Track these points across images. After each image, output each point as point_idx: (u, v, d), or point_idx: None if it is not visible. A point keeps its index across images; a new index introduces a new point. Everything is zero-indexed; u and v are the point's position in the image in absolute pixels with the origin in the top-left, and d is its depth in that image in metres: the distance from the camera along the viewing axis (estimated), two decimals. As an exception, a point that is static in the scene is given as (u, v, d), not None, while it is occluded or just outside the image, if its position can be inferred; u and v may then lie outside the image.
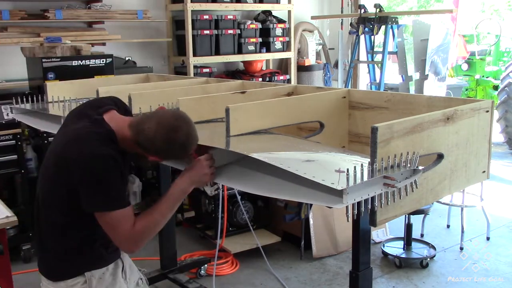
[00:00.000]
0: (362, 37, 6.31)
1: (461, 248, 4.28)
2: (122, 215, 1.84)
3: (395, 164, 1.66)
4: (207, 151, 2.03)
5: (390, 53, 6.24)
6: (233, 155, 2.08)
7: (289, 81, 6.40)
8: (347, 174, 1.51)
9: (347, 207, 1.58)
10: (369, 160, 1.65)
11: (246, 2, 5.99)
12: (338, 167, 1.68)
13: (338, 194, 1.57)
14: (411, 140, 1.76)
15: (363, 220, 1.87)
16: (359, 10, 6.23)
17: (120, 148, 1.90)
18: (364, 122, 2.56)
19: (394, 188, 1.63)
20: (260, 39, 6.11)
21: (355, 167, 1.55)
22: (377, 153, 1.61)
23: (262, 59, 6.31)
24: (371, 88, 6.37)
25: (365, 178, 1.56)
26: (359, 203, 1.59)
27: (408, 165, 1.68)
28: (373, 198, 1.62)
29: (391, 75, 7.53)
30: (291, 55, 6.41)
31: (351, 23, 6.29)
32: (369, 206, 1.63)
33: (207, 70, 5.77)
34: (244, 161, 2.09)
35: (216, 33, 5.73)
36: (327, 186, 1.55)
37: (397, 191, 1.67)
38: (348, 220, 1.64)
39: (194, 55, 5.57)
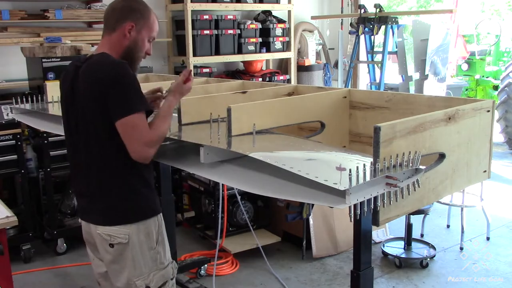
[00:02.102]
0: (362, 37, 6.31)
1: (461, 248, 4.28)
2: (143, 117, 1.98)
3: (397, 163, 1.66)
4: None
5: (390, 53, 6.24)
6: (234, 154, 2.08)
7: (289, 81, 6.40)
8: (349, 174, 1.51)
9: (350, 207, 1.58)
10: (371, 159, 1.65)
11: (246, 2, 5.98)
12: (339, 164, 1.68)
13: (341, 194, 1.56)
14: (413, 139, 1.76)
15: (365, 219, 1.86)
16: (359, 10, 6.23)
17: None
18: (365, 122, 2.56)
19: (396, 188, 1.63)
20: (260, 39, 6.11)
21: (357, 167, 1.55)
22: (379, 153, 1.61)
23: (262, 59, 6.31)
24: (371, 88, 6.37)
25: (368, 178, 1.56)
26: (361, 203, 1.59)
27: (410, 164, 1.68)
28: (375, 198, 1.62)
29: (391, 75, 7.53)
30: (291, 55, 6.41)
31: (351, 23, 6.29)
32: (372, 206, 1.63)
33: (207, 70, 5.77)
34: (245, 161, 2.09)
35: (216, 33, 5.73)
36: (329, 186, 1.55)
37: (400, 190, 1.67)
38: (351, 220, 1.64)
39: (194, 55, 5.56)
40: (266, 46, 6.18)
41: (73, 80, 2.10)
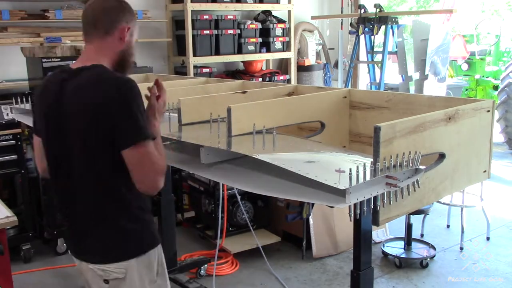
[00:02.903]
0: (362, 37, 6.31)
1: (461, 248, 4.28)
2: (149, 146, 1.75)
3: (397, 163, 1.66)
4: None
5: (390, 53, 6.24)
6: (234, 155, 2.07)
7: (289, 81, 6.39)
8: (349, 174, 1.51)
9: (349, 206, 1.58)
10: (371, 159, 1.65)
11: (246, 2, 5.98)
12: (339, 167, 1.68)
13: (341, 193, 1.57)
14: (413, 139, 1.76)
15: (365, 219, 1.86)
16: (359, 10, 6.23)
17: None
18: (365, 122, 2.56)
19: (396, 188, 1.63)
20: (260, 39, 6.10)
21: (357, 167, 1.55)
22: (379, 153, 1.61)
23: (262, 59, 6.31)
24: (371, 88, 6.37)
25: (368, 177, 1.56)
26: (361, 203, 1.59)
27: (410, 164, 1.68)
28: (375, 198, 1.62)
29: (391, 75, 7.53)
30: (291, 55, 6.41)
31: (351, 23, 6.29)
32: (372, 206, 1.63)
33: (207, 70, 5.77)
34: (245, 161, 2.09)
35: (216, 33, 5.72)
36: (329, 186, 1.55)
37: (400, 190, 1.67)
38: (350, 220, 1.64)
39: (194, 55, 5.56)
40: (266, 46, 6.18)
41: (57, 96, 1.81)
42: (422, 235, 4.52)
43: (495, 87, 7.84)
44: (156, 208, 3.31)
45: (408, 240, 4.15)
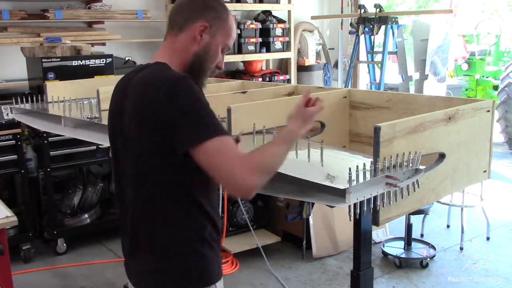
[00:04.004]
0: (362, 37, 6.31)
1: (461, 248, 4.28)
2: (228, 140, 1.45)
3: (397, 163, 1.66)
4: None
5: (390, 53, 6.23)
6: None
7: (289, 81, 6.39)
8: (349, 173, 1.51)
9: (349, 206, 1.58)
10: (371, 159, 1.65)
11: (246, 2, 5.98)
12: (332, 171, 1.68)
13: (341, 193, 1.57)
14: (413, 139, 1.76)
15: (365, 219, 1.87)
16: (359, 10, 6.22)
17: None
18: (365, 122, 2.56)
19: (396, 188, 1.63)
20: (260, 39, 6.10)
21: (357, 167, 1.55)
22: (379, 153, 1.61)
23: (262, 59, 6.30)
24: (371, 88, 6.37)
25: (368, 177, 1.56)
26: (361, 203, 1.59)
27: (410, 164, 1.68)
28: (375, 198, 1.63)
29: (391, 75, 7.53)
30: (291, 55, 6.41)
31: (351, 23, 6.29)
32: (372, 206, 1.63)
33: (207, 70, 5.75)
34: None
35: (216, 33, 5.71)
36: (329, 186, 1.55)
37: (399, 190, 1.68)
38: (350, 219, 1.64)
39: (194, 55, 5.55)
40: (266, 46, 6.17)
41: (122, 97, 1.62)
42: (422, 235, 4.52)
43: (495, 87, 7.85)
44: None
45: (408, 240, 4.15)
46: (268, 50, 6.20)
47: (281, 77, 6.32)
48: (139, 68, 1.65)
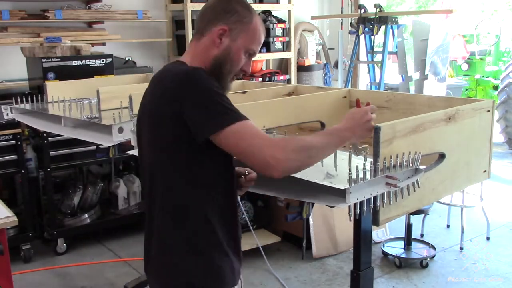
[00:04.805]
0: (362, 37, 6.31)
1: (461, 248, 4.28)
2: (252, 124, 1.48)
3: (397, 163, 1.66)
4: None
5: (390, 53, 6.23)
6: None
7: (289, 81, 6.39)
8: (349, 173, 1.51)
9: (349, 206, 1.58)
10: (371, 160, 1.65)
11: (246, 2, 5.98)
12: (331, 170, 1.68)
13: (341, 193, 1.57)
14: (413, 139, 1.76)
15: (365, 219, 1.87)
16: (359, 10, 6.22)
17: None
18: (365, 122, 2.55)
19: (396, 188, 1.63)
20: (260, 39, 6.10)
21: (357, 167, 1.55)
22: (379, 153, 1.61)
23: (262, 59, 6.31)
24: (371, 88, 6.37)
25: (368, 177, 1.56)
26: (361, 203, 1.59)
27: (410, 164, 1.68)
28: (375, 198, 1.63)
29: (391, 75, 7.53)
30: (291, 55, 6.40)
31: (351, 23, 6.29)
32: (372, 206, 1.63)
33: (207, 70, 5.76)
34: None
35: (216, 33, 5.71)
36: (329, 186, 1.55)
37: (399, 190, 1.68)
38: (350, 220, 1.64)
39: (194, 55, 5.55)
40: (266, 46, 6.17)
41: (145, 96, 1.67)
42: (422, 235, 4.52)
43: (495, 87, 7.85)
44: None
45: (408, 240, 4.15)
46: (268, 50, 6.19)
47: (281, 77, 6.32)
48: (160, 70, 1.68)
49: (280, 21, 6.35)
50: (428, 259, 4.02)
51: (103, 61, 4.31)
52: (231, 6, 1.63)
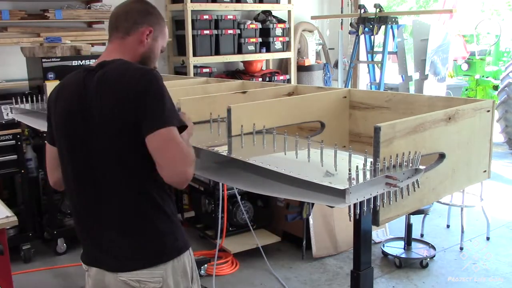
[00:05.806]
0: (362, 37, 6.31)
1: (461, 248, 4.28)
2: (178, 134, 1.66)
3: (397, 163, 1.66)
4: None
5: (390, 53, 6.24)
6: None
7: (289, 81, 6.40)
8: (349, 173, 1.51)
9: (349, 206, 1.58)
10: (371, 160, 1.65)
11: (246, 2, 5.98)
12: (330, 169, 1.69)
13: (341, 194, 1.57)
14: (413, 139, 1.76)
15: (365, 219, 1.86)
16: (359, 10, 6.23)
17: None
18: (365, 122, 2.56)
19: (396, 188, 1.63)
20: (260, 39, 6.11)
21: (357, 167, 1.55)
22: (380, 153, 1.61)
23: (262, 59, 6.31)
24: (371, 88, 6.37)
25: (368, 177, 1.56)
26: (361, 203, 1.59)
27: (410, 164, 1.68)
28: (375, 198, 1.62)
29: (391, 75, 7.53)
30: (291, 55, 6.41)
31: (351, 23, 6.29)
32: (372, 206, 1.63)
33: (207, 70, 5.77)
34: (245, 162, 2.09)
35: (216, 33, 5.72)
36: (329, 186, 1.55)
37: (399, 190, 1.67)
38: (350, 220, 1.64)
39: (194, 55, 5.56)
40: (266, 46, 6.18)
41: (80, 95, 1.74)
42: (422, 235, 4.52)
43: (495, 87, 7.85)
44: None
45: (408, 240, 4.15)
46: (268, 50, 6.20)
47: (281, 77, 6.33)
48: (93, 67, 1.77)
49: (280, 21, 6.35)
50: (428, 259, 4.02)
51: (103, 61, 4.31)
52: (152, 9, 1.86)
